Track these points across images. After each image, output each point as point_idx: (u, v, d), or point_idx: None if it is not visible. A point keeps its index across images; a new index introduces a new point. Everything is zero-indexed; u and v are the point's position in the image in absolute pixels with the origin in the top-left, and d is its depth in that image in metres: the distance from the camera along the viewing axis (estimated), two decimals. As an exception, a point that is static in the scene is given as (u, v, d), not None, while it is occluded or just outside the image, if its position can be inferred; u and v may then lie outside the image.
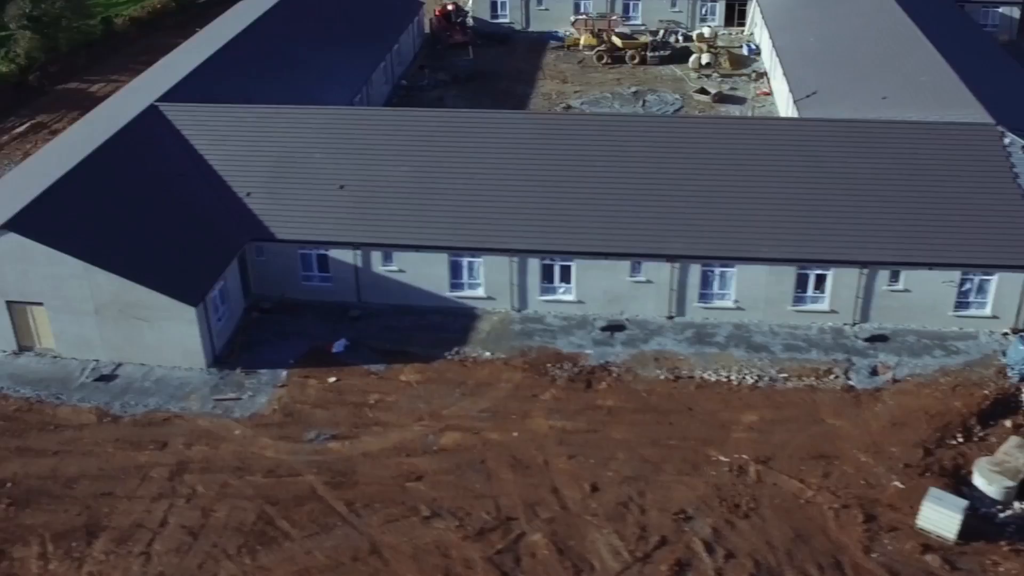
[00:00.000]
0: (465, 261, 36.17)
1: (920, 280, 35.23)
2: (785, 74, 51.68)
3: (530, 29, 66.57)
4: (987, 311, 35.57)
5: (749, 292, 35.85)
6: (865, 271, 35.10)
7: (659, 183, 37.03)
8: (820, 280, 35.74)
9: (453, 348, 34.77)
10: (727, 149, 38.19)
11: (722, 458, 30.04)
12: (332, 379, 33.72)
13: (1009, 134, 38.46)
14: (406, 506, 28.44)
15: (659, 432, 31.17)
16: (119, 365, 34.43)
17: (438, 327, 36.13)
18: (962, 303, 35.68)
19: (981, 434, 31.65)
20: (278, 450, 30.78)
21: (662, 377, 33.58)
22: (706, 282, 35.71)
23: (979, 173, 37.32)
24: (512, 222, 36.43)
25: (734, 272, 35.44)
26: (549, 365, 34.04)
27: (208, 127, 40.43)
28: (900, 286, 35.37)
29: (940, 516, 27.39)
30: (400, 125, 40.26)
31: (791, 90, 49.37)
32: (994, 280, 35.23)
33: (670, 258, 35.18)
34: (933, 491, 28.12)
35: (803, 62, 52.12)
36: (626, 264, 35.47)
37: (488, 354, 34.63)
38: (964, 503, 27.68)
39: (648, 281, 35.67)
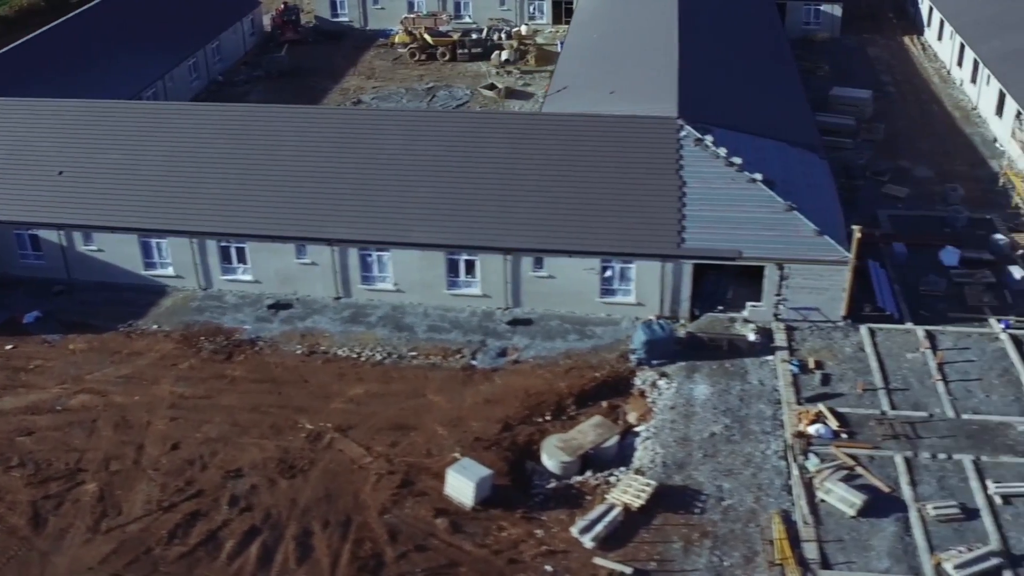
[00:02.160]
0: (154, 242, 39.11)
1: (563, 267, 36.92)
2: (556, 69, 53.81)
3: (367, 27, 68.93)
4: (632, 299, 37.10)
5: (406, 276, 37.98)
6: (509, 258, 36.98)
7: (330, 171, 39.05)
8: (470, 265, 37.72)
9: (128, 321, 37.93)
10: (396, 140, 40.15)
11: (308, 425, 32.31)
12: (9, 347, 36.88)
13: (687, 127, 39.37)
14: (2, 456, 31.28)
15: (264, 400, 33.62)
16: None
17: (128, 302, 39.37)
18: (607, 290, 37.29)
19: (573, 413, 33.37)
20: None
21: (298, 352, 36.11)
22: (366, 265, 38.05)
23: (647, 164, 38.56)
24: (193, 206, 39.05)
25: (389, 256, 37.70)
26: (202, 338, 36.88)
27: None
28: (544, 273, 37.11)
29: (460, 484, 29.34)
30: (130, 118, 42.34)
31: (550, 85, 51.42)
32: (633, 268, 36.71)
33: (330, 242, 37.81)
34: (461, 461, 29.83)
35: (574, 58, 53.50)
36: (292, 247, 37.67)
37: (155, 327, 37.75)
38: (485, 473, 29.13)
39: (313, 263, 38.21)
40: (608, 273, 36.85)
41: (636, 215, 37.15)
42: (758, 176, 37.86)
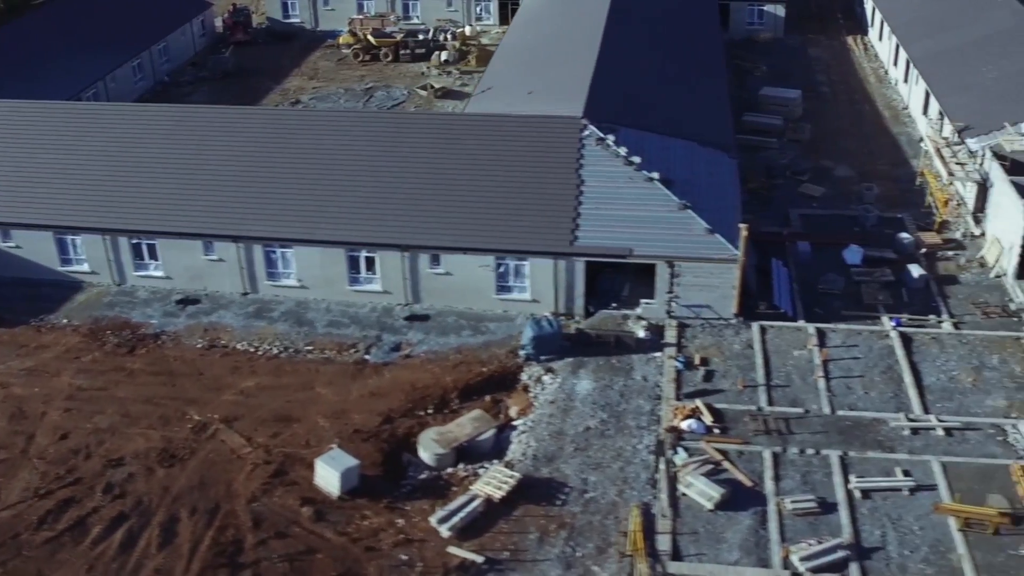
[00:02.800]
0: (69, 239, 40.13)
1: (460, 264, 37.62)
2: (486, 70, 54.33)
3: (318, 28, 69.79)
4: (527, 296, 37.72)
5: (309, 272, 38.85)
6: (407, 255, 37.76)
7: (239, 170, 39.69)
8: (371, 262, 38.50)
9: (40, 315, 38.89)
10: (307, 139, 40.83)
11: (196, 417, 33.22)
12: (-78, 340, 39.00)
13: (590, 127, 40.00)
14: None
15: (158, 392, 34.51)
16: None
17: (43, 297, 40.25)
18: (503, 287, 37.92)
19: (456, 407, 34.09)
20: None
21: (199, 346, 37.01)
22: (271, 262, 38.87)
23: (549, 163, 39.15)
24: (106, 203, 39.78)
25: (293, 253, 38.47)
26: (109, 332, 37.79)
27: None
28: (442, 269, 37.85)
29: (328, 474, 30.10)
30: (49, 118, 43.13)
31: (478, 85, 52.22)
32: (527, 266, 37.34)
33: (235, 239, 38.51)
34: (330, 452, 30.45)
35: (506, 59, 54.04)
36: (200, 244, 38.60)
37: (65, 321, 38.64)
38: (351, 463, 29.64)
39: (221, 260, 39.11)
40: (502, 268, 37.67)
41: (532, 213, 37.84)
42: (655, 175, 38.45)
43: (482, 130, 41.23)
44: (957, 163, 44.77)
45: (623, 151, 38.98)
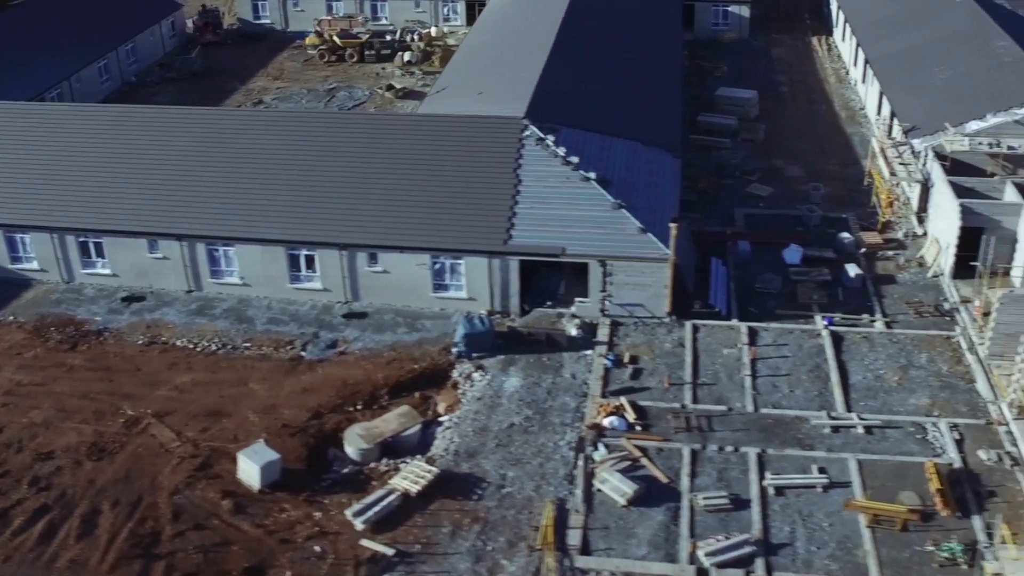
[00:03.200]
0: (18, 237, 40.61)
1: (397, 263, 38.07)
2: (444, 71, 54.84)
3: (288, 29, 70.37)
4: (464, 294, 38.22)
5: (251, 270, 39.43)
6: (345, 253, 38.27)
7: (185, 169, 40.30)
8: (311, 260, 38.94)
9: (-12, 312, 41.03)
10: (253, 139, 41.27)
11: (129, 411, 33.79)
12: None
13: (531, 127, 40.42)
14: None
15: (95, 387, 35.13)
16: None
17: (-7, 295, 42.56)
18: (440, 285, 38.38)
19: (386, 403, 34.41)
20: None
21: (140, 342, 37.58)
22: (214, 260, 39.55)
23: (489, 163, 39.61)
24: (54, 202, 40.35)
25: (235, 251, 39.06)
26: (53, 329, 38.31)
27: None
28: (380, 268, 38.33)
29: (249, 467, 30.62)
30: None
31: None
32: (463, 264, 37.83)
33: (179, 237, 39.00)
34: (253, 446, 30.77)
35: (464, 60, 54.37)
36: (145, 242, 39.18)
37: (12, 318, 39.16)
38: (272, 457, 30.01)
39: (165, 258, 39.62)
40: (439, 268, 38.25)
41: (469, 212, 38.34)
42: (592, 175, 38.91)
43: (425, 131, 41.77)
44: (901, 163, 45.09)
45: (562, 151, 39.44)
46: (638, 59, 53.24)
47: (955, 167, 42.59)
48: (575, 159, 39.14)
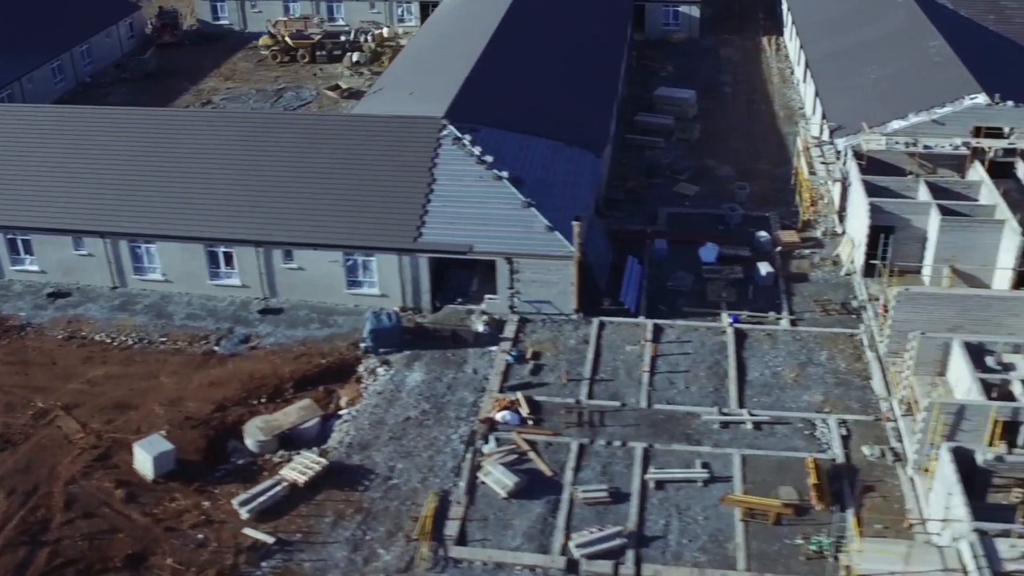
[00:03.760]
0: (-53, 234, 43.56)
1: (312, 260, 38.80)
2: (384, 71, 55.41)
3: (247, 30, 71.08)
4: (376, 290, 38.95)
5: (173, 267, 40.26)
6: (261, 250, 39.03)
7: (111, 168, 40.98)
8: (229, 257, 39.75)
9: (-84, 308, 41.94)
10: (181, 139, 42.01)
11: (40, 404, 34.69)
12: None
13: (449, 127, 41.07)
14: None
15: (10, 380, 35.98)
16: None
17: (-75, 291, 43.35)
18: (353, 282, 39.14)
19: (291, 396, 35.16)
20: None
21: (60, 337, 38.44)
22: (136, 257, 40.34)
23: (406, 162, 40.10)
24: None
25: (156, 248, 39.82)
26: (-24, 324, 40.51)
27: None
28: (295, 265, 39.14)
29: (143, 458, 31.46)
30: None
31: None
32: (375, 261, 38.54)
33: (102, 235, 39.82)
34: (149, 437, 31.34)
35: (405, 60, 54.85)
36: (70, 239, 40.02)
37: (-61, 313, 41.54)
38: (166, 448, 30.70)
39: (90, 255, 40.61)
40: (351, 265, 38.90)
41: (382, 210, 38.98)
42: (504, 174, 39.54)
43: (351, 131, 42.48)
44: (823, 162, 45.31)
45: (477, 150, 40.11)
46: (576, 59, 53.74)
47: (877, 166, 42.89)
48: (490, 158, 39.77)
